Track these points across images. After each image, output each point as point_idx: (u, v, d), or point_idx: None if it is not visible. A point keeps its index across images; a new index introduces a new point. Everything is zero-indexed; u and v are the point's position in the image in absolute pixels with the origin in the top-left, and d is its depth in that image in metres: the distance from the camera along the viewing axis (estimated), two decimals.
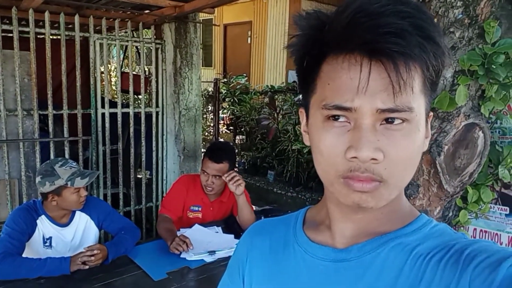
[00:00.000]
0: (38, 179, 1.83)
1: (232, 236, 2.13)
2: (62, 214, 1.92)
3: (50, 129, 3.05)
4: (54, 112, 3.03)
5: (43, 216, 1.89)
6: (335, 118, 0.50)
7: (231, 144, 2.35)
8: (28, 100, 2.96)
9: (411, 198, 2.23)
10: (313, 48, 0.51)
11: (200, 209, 2.32)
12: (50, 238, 1.89)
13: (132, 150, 3.42)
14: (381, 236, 0.55)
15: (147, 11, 3.39)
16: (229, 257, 1.86)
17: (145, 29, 3.63)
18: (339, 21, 0.48)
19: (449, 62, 0.55)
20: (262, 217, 2.35)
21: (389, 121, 0.48)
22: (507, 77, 1.90)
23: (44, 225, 1.88)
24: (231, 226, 2.23)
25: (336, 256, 0.57)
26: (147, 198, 3.67)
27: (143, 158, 3.52)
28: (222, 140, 6.81)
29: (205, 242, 2.00)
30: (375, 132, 0.48)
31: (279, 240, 0.66)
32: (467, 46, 1.90)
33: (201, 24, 3.74)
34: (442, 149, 2.08)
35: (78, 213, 1.97)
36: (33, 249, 1.85)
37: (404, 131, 0.49)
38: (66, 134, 3.11)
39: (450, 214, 2.36)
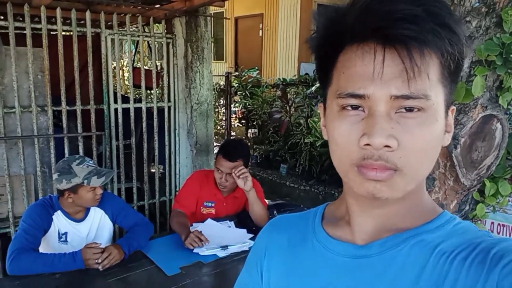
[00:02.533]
0: (55, 176, 1.85)
1: (244, 230, 2.13)
2: (78, 210, 1.94)
3: (64, 125, 3.07)
4: (68, 108, 3.06)
5: (59, 212, 1.91)
6: (351, 107, 0.50)
7: (245, 141, 2.34)
8: (41, 96, 2.98)
9: (427, 192, 2.19)
10: (329, 40, 0.52)
11: (213, 205, 2.31)
12: (66, 233, 1.91)
13: (145, 145, 3.43)
14: (402, 232, 0.54)
15: (157, 6, 3.38)
16: (242, 252, 1.84)
17: (156, 24, 3.62)
18: (353, 10, 0.48)
19: (468, 51, 0.51)
20: (275, 212, 2.34)
21: (406, 109, 0.47)
22: None
23: (59, 221, 1.91)
24: (244, 220, 2.23)
25: (356, 252, 0.56)
26: (161, 192, 3.69)
27: (156, 153, 3.53)
28: (234, 134, 6.81)
29: (217, 237, 2.00)
30: (389, 120, 0.47)
31: (297, 236, 0.65)
32: (484, 36, 1.85)
33: (211, 18, 3.72)
34: (459, 142, 2.03)
35: (93, 208, 1.99)
36: (49, 244, 1.88)
37: (420, 120, 0.48)
38: (79, 129, 3.14)
39: (467, 207, 2.32)
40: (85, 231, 1.96)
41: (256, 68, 7.11)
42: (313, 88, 5.80)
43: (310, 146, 5.08)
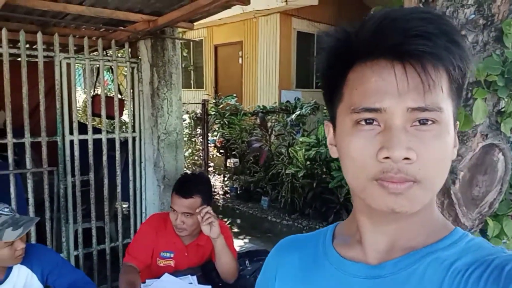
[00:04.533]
0: None
1: (209, 287, 1.76)
2: None
3: (10, 160, 2.70)
4: (14, 140, 2.69)
5: None
6: (365, 121, 0.50)
7: (205, 175, 2.03)
8: None
9: None
10: (339, 59, 0.53)
11: (172, 255, 1.93)
12: None
13: (105, 181, 3.06)
14: (416, 251, 0.53)
15: (121, 28, 3.09)
16: None
17: (121, 49, 3.33)
18: (366, 28, 0.50)
19: (472, 67, 0.50)
20: (247, 262, 1.99)
21: (421, 122, 0.49)
22: None
23: None
24: (209, 274, 1.85)
25: (370, 272, 0.56)
26: (127, 232, 3.30)
27: (119, 189, 3.16)
28: (212, 164, 6.45)
29: None
30: (406, 133, 0.48)
31: (308, 257, 0.64)
32: (482, 52, 1.59)
33: (184, 42, 3.46)
34: (457, 176, 1.74)
35: (16, 267, 1.59)
36: None
37: (435, 132, 0.49)
38: (28, 164, 2.77)
39: None
40: None
41: (234, 95, 6.80)
42: (294, 116, 5.55)
43: (292, 177, 4.76)
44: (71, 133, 2.92)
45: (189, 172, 3.26)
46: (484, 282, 0.47)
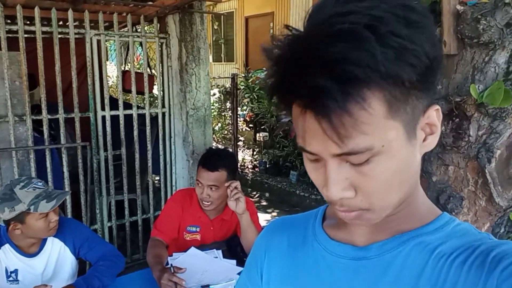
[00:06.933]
0: None
1: (234, 262, 1.79)
2: (30, 243, 1.63)
3: (45, 136, 2.80)
4: (49, 116, 2.79)
5: (7, 246, 1.60)
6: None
7: (229, 150, 2.03)
8: (20, 104, 2.72)
9: (453, 213, 1.84)
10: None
11: (198, 229, 1.97)
12: (16, 271, 1.60)
13: (137, 155, 3.14)
14: (401, 234, 0.54)
15: (149, 2, 3.08)
16: None
17: (150, 24, 3.33)
18: (276, 78, 0.46)
19: (408, 75, 0.41)
20: None
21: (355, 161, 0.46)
22: None
23: (8, 256, 1.60)
24: (234, 249, 1.88)
25: (356, 254, 0.57)
26: (158, 204, 3.40)
27: (150, 163, 3.24)
28: (242, 139, 6.47)
29: (199, 272, 1.67)
30: (341, 171, 0.47)
31: (298, 237, 0.65)
32: None
33: (212, 15, 3.41)
34: (494, 155, 1.66)
35: (50, 239, 1.67)
36: None
37: (373, 164, 0.45)
38: (62, 140, 2.87)
39: (502, 230, 1.97)
40: (40, 267, 1.65)
41: (264, 69, 6.72)
42: None
43: None
44: (103, 109, 2.99)
45: (214, 147, 3.28)
46: (468, 267, 0.47)
